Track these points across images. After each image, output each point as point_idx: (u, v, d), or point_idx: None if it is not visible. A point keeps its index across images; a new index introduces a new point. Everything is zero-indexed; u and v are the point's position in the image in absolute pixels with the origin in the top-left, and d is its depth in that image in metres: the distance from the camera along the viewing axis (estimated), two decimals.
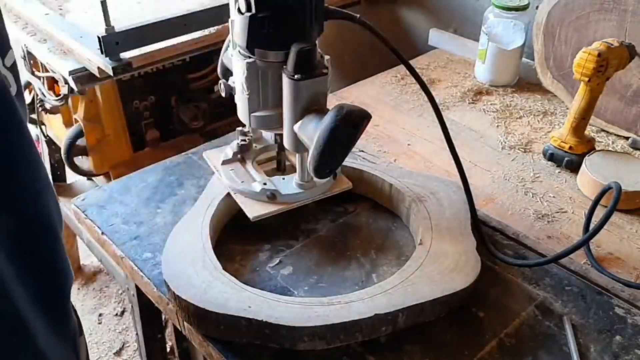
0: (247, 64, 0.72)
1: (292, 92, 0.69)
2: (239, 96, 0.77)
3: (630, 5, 1.04)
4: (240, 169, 0.86)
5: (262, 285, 0.74)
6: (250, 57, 0.72)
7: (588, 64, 0.94)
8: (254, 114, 0.76)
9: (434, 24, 1.57)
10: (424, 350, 0.67)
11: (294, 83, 0.69)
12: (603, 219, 0.70)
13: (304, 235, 0.83)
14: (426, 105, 1.23)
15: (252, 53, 0.72)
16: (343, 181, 0.85)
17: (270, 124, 0.76)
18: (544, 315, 0.71)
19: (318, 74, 0.69)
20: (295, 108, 0.70)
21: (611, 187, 0.75)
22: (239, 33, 0.71)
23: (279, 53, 0.70)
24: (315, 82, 0.69)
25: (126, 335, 1.79)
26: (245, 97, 0.75)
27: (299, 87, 0.69)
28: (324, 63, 0.73)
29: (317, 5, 0.69)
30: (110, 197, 0.90)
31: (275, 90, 0.73)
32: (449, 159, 1.05)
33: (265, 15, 0.67)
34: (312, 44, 0.68)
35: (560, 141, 1.02)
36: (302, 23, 0.68)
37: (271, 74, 0.72)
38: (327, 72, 0.70)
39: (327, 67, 0.71)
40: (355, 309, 0.66)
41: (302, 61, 0.68)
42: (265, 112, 0.76)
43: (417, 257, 0.74)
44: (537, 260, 0.76)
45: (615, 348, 0.67)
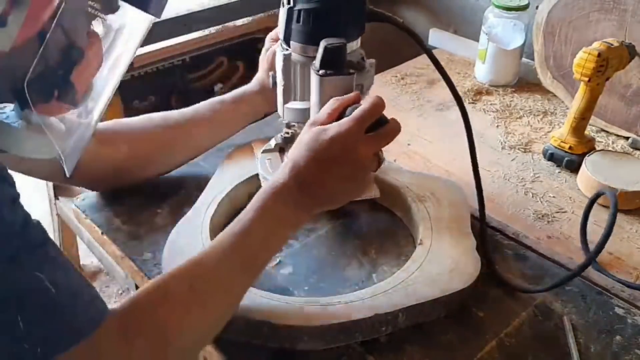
0: (283, 56, 0.74)
1: (317, 87, 0.71)
2: (278, 87, 0.79)
3: (630, 5, 1.04)
4: (276, 160, 0.86)
5: (262, 285, 0.74)
6: (287, 49, 0.74)
7: (588, 64, 0.94)
8: (287, 105, 0.78)
9: (434, 24, 1.57)
10: (423, 350, 0.67)
11: (318, 78, 0.70)
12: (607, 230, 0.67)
13: (304, 235, 0.83)
14: (426, 106, 1.23)
15: (288, 45, 0.73)
16: (370, 189, 0.81)
17: (301, 117, 0.77)
18: (544, 316, 0.71)
19: (344, 72, 0.69)
20: (318, 103, 0.71)
21: (604, 193, 0.74)
22: (280, 24, 0.73)
23: (312, 47, 0.71)
24: (340, 80, 0.70)
25: None
26: (281, 88, 0.77)
27: (323, 82, 0.70)
28: (364, 64, 0.73)
29: (355, 5, 0.70)
30: (111, 197, 0.90)
31: (307, 84, 0.74)
32: (449, 159, 1.06)
33: (301, 9, 0.69)
34: (341, 42, 0.68)
35: (560, 141, 1.02)
36: (336, 20, 0.69)
37: (305, 68, 0.73)
38: (354, 72, 0.70)
39: (356, 68, 0.71)
40: (355, 309, 0.66)
41: (328, 57, 0.68)
42: (298, 104, 0.78)
43: (417, 257, 0.74)
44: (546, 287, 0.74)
45: (615, 348, 0.67)
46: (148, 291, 0.58)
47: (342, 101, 0.68)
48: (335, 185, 0.66)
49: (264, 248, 0.65)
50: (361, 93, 0.74)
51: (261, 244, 0.64)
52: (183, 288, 0.59)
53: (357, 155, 0.65)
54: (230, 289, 0.63)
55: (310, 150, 0.64)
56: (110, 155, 0.83)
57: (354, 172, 0.66)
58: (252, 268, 0.64)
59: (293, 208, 0.65)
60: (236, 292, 0.64)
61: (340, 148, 0.64)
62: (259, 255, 0.65)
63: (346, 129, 0.64)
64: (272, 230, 0.65)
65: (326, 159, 0.64)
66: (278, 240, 0.67)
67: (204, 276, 0.61)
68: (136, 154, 0.86)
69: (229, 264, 0.62)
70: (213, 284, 0.61)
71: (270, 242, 0.65)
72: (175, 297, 0.58)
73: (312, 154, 0.64)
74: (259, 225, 0.64)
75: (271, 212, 0.65)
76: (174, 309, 0.58)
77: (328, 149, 0.64)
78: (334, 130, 0.64)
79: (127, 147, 0.85)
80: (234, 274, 0.63)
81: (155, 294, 0.58)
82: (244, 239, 0.63)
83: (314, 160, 0.64)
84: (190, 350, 0.61)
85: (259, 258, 0.65)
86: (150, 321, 0.56)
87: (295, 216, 0.66)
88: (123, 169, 0.86)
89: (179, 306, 0.58)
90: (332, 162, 0.64)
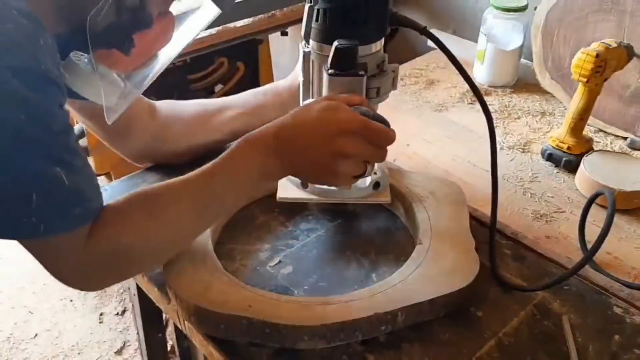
0: (303, 53, 0.76)
1: (327, 86, 0.72)
2: (300, 84, 0.81)
3: (628, 6, 1.04)
4: None
5: (263, 285, 0.74)
6: (307, 46, 0.76)
7: (586, 65, 0.94)
8: (304, 102, 0.80)
9: (432, 25, 1.58)
10: (423, 350, 0.67)
11: (328, 77, 0.71)
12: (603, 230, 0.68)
13: (304, 235, 0.84)
14: (425, 106, 1.23)
15: (308, 43, 0.75)
16: (383, 194, 0.82)
17: None
18: (543, 315, 0.72)
19: (352, 74, 0.70)
20: None
21: (602, 193, 0.75)
22: (304, 21, 0.74)
23: (327, 47, 0.72)
24: (348, 81, 0.71)
25: (127, 334, 1.80)
26: (301, 84, 0.79)
27: (332, 82, 0.71)
28: (383, 67, 0.74)
29: (374, 7, 0.70)
30: (112, 197, 0.89)
31: (322, 82, 0.74)
32: (448, 159, 1.06)
33: (320, 8, 0.70)
34: (353, 43, 0.69)
35: (558, 141, 1.02)
36: (352, 21, 0.70)
37: (321, 66, 0.74)
38: (363, 74, 0.71)
39: (366, 70, 0.72)
40: (355, 309, 0.67)
41: (338, 58, 0.69)
42: None
43: (416, 257, 0.75)
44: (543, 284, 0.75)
45: (613, 348, 0.68)
46: (115, 206, 0.66)
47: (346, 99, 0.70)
48: (306, 160, 0.68)
49: (225, 193, 0.69)
50: (377, 96, 0.75)
51: (223, 189, 0.69)
52: (143, 212, 0.66)
53: (343, 145, 0.66)
54: (182, 224, 0.68)
55: (319, 114, 0.67)
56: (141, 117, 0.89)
57: (330, 159, 0.67)
58: (209, 209, 0.70)
59: (263, 157, 0.68)
60: (188, 228, 0.69)
61: (336, 132, 0.66)
62: (219, 199, 0.69)
63: (353, 123, 0.67)
64: (235, 177, 0.69)
65: (318, 133, 0.67)
66: (239, 188, 0.70)
67: (162, 204, 0.67)
68: (171, 126, 0.92)
69: (189, 201, 0.68)
70: (167, 214, 0.67)
71: (231, 188, 0.69)
72: (132, 218, 0.65)
73: (316, 119, 0.67)
74: (223, 171, 0.68)
75: (238, 159, 0.69)
76: (128, 228, 0.65)
77: (328, 126, 0.66)
78: (346, 115, 0.67)
79: (163, 119, 0.92)
80: (191, 211, 0.68)
81: (118, 211, 0.66)
82: (208, 181, 0.68)
83: (312, 124, 0.67)
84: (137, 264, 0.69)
85: (219, 201, 0.70)
86: (107, 231, 0.63)
87: (263, 166, 0.69)
88: (158, 139, 0.92)
89: (133, 227, 0.65)
90: (321, 138, 0.67)
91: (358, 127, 0.66)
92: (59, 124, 0.57)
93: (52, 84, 0.56)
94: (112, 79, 0.69)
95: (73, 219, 0.60)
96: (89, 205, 0.62)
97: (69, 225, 0.59)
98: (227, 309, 0.66)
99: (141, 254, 0.67)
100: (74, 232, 0.60)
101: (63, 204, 0.58)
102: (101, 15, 0.61)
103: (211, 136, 0.95)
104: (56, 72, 0.58)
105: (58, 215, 0.58)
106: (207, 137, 0.95)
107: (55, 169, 0.56)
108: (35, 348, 1.76)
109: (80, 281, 0.66)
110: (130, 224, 0.65)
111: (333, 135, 0.66)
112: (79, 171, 0.60)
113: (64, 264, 0.63)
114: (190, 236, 0.71)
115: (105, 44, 0.64)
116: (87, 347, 1.76)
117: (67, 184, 0.57)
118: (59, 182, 0.57)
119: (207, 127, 0.94)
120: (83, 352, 1.75)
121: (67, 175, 0.57)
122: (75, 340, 1.78)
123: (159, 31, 0.68)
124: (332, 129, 0.66)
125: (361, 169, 0.69)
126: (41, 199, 0.56)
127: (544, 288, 0.74)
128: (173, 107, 0.94)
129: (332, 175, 0.69)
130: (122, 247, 0.64)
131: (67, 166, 0.58)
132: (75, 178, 0.59)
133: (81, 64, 0.66)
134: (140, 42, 0.66)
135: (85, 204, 0.61)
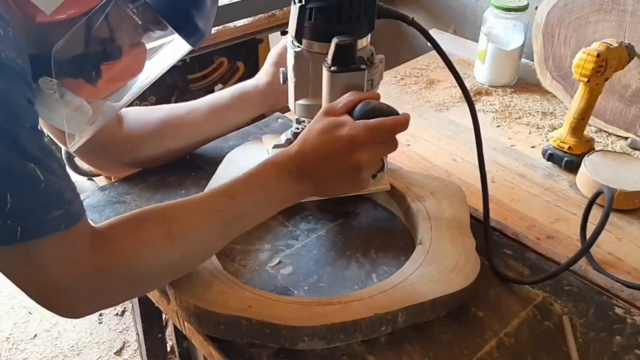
0: (294, 53, 0.76)
1: (329, 83, 0.72)
2: (289, 83, 0.80)
3: (629, 5, 1.04)
4: None
5: (262, 285, 0.74)
6: (299, 46, 0.76)
7: (587, 65, 0.94)
8: (299, 101, 0.80)
9: (433, 25, 1.58)
10: (423, 350, 0.67)
11: (330, 74, 0.71)
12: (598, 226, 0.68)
13: (304, 235, 0.83)
14: (426, 106, 1.23)
15: (299, 42, 0.75)
16: (381, 182, 0.83)
17: (313, 113, 0.78)
18: (544, 315, 0.72)
19: (354, 69, 0.72)
20: (330, 99, 0.73)
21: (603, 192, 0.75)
22: (291, 22, 0.75)
23: (323, 45, 0.73)
24: (350, 76, 0.72)
25: (127, 334, 1.79)
26: (292, 84, 0.79)
27: (334, 78, 0.72)
28: (373, 60, 0.75)
29: (365, 2, 0.71)
30: (111, 197, 0.90)
31: (318, 81, 0.75)
32: (448, 159, 1.06)
33: (313, 7, 0.71)
34: (352, 39, 0.70)
35: (559, 141, 1.02)
36: (348, 18, 0.71)
37: (316, 65, 0.75)
38: (365, 68, 0.72)
39: (367, 64, 0.73)
40: (355, 309, 0.66)
41: (340, 54, 0.70)
42: (309, 100, 0.79)
43: (416, 257, 0.75)
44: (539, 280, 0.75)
45: (614, 348, 0.68)
46: (127, 218, 0.62)
47: (360, 95, 0.71)
48: (330, 178, 0.70)
49: (245, 215, 0.68)
50: (372, 87, 0.76)
51: (244, 211, 0.68)
52: (161, 229, 0.62)
53: (359, 158, 0.68)
54: (201, 244, 0.66)
55: (321, 137, 0.68)
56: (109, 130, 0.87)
57: (351, 172, 0.69)
58: (229, 230, 0.68)
59: (284, 183, 0.69)
60: (206, 248, 0.67)
61: (347, 148, 0.68)
62: (239, 220, 0.68)
63: (357, 134, 0.67)
64: (257, 200, 0.68)
65: (331, 151, 0.68)
66: (260, 211, 0.70)
67: (183, 225, 0.64)
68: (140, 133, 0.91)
69: (210, 222, 0.66)
70: (187, 234, 0.64)
71: (252, 210, 0.68)
72: (148, 234, 0.61)
73: (322, 141, 0.68)
74: (246, 192, 0.68)
75: (261, 182, 0.68)
76: (144, 243, 0.61)
77: (335, 144, 0.68)
78: (347, 129, 0.68)
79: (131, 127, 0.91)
80: (211, 233, 0.66)
81: (132, 223, 0.62)
82: (229, 202, 0.67)
83: (320, 147, 0.68)
84: (139, 285, 0.65)
85: (239, 223, 0.68)
86: (118, 244, 0.60)
87: (284, 191, 0.69)
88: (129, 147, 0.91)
89: (149, 243, 0.61)
90: (336, 156, 0.68)
91: (364, 136, 0.67)
92: (29, 119, 0.54)
93: (16, 75, 0.53)
94: (80, 105, 0.68)
95: (53, 222, 0.55)
96: (70, 207, 0.56)
97: (50, 229, 0.54)
98: (227, 310, 0.66)
99: (154, 271, 0.63)
100: (56, 237, 0.55)
101: (41, 204, 0.54)
102: (68, 45, 0.60)
103: (182, 140, 0.95)
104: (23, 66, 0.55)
105: (36, 218, 0.53)
106: (178, 141, 0.95)
107: (29, 165, 0.53)
108: (35, 348, 1.76)
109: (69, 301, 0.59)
110: (147, 240, 0.61)
111: (346, 152, 0.68)
112: (56, 172, 0.56)
113: (46, 278, 0.56)
114: (207, 254, 0.69)
115: (72, 73, 0.63)
116: (87, 348, 1.76)
117: (44, 184, 0.53)
118: (35, 181, 0.53)
119: (177, 131, 0.94)
120: (82, 352, 1.75)
121: (43, 174, 0.54)
122: (75, 341, 1.78)
123: (129, 61, 0.68)
124: (340, 147, 0.68)
125: (379, 166, 0.72)
126: (16, 199, 0.51)
127: (537, 282, 0.75)
128: (139, 114, 0.93)
129: (357, 184, 0.71)
130: (134, 263, 0.60)
131: (42, 165, 0.54)
132: (52, 178, 0.55)
133: (47, 90, 0.64)
134: (109, 72, 0.66)
135: (66, 206, 0.56)
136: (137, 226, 0.62)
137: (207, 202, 0.67)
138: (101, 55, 0.65)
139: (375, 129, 0.68)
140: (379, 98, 0.72)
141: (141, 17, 0.65)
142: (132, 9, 0.64)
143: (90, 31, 0.62)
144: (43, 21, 0.60)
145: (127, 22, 0.65)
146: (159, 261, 0.62)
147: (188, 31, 0.67)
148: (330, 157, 0.68)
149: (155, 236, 0.62)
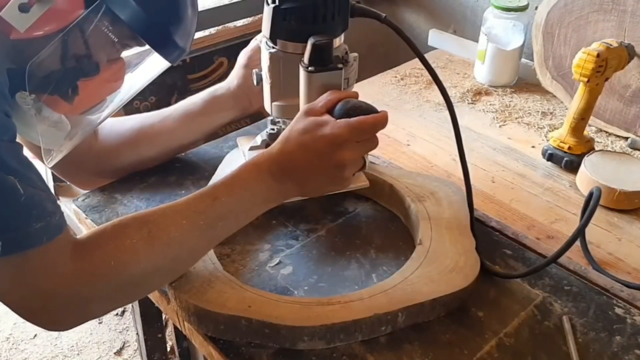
0: (269, 54, 0.75)
1: (306, 83, 0.72)
2: (264, 85, 0.80)
3: (629, 5, 1.04)
4: None
5: (262, 285, 0.74)
6: (274, 47, 0.75)
7: (587, 65, 0.94)
8: (275, 102, 0.80)
9: (433, 25, 1.57)
10: (423, 350, 0.67)
11: (307, 74, 0.71)
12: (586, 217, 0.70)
13: (304, 235, 0.83)
14: (426, 106, 1.23)
15: (274, 43, 0.75)
16: (360, 179, 0.84)
17: (290, 113, 0.78)
18: (544, 315, 0.72)
19: (331, 68, 0.72)
20: (308, 99, 0.73)
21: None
22: (265, 23, 0.74)
23: (298, 45, 0.72)
24: (328, 75, 0.72)
25: (126, 335, 1.79)
26: (268, 86, 0.78)
27: (312, 78, 0.71)
28: (347, 59, 0.75)
29: (340, 2, 0.72)
30: (111, 197, 0.90)
31: (295, 81, 0.75)
32: (448, 159, 1.06)
33: (288, 8, 0.71)
34: (328, 38, 0.70)
35: (559, 141, 1.02)
36: (323, 17, 0.71)
37: (291, 65, 0.74)
38: (342, 67, 0.72)
39: (343, 63, 0.73)
40: (355, 309, 0.66)
41: (317, 54, 0.70)
42: (286, 101, 0.79)
43: (416, 257, 0.75)
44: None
45: (614, 348, 0.68)
46: (108, 226, 0.62)
47: (340, 94, 0.71)
48: (314, 178, 0.69)
49: (228, 216, 0.67)
50: (348, 86, 0.76)
51: (226, 212, 0.67)
52: (141, 232, 0.62)
53: (342, 157, 0.68)
54: (184, 247, 0.65)
55: (303, 137, 0.68)
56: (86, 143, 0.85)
57: (334, 171, 0.69)
58: (212, 231, 0.67)
59: (267, 184, 0.68)
60: (190, 249, 0.66)
61: (330, 147, 0.67)
62: (222, 222, 0.67)
63: (340, 133, 0.67)
64: (239, 201, 0.68)
65: (313, 151, 0.68)
66: (243, 212, 0.69)
67: (163, 227, 0.63)
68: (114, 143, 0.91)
69: (191, 223, 0.65)
70: (168, 235, 0.63)
71: (235, 212, 0.68)
72: (128, 238, 0.61)
73: (304, 141, 0.68)
74: (228, 194, 0.67)
75: (243, 184, 0.68)
76: (124, 247, 0.60)
77: (317, 143, 0.67)
78: (330, 128, 0.67)
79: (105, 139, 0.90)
80: (193, 234, 0.65)
81: (113, 230, 0.62)
82: (211, 204, 0.66)
83: (303, 146, 0.68)
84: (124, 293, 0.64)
85: (223, 225, 0.67)
86: (99, 252, 0.59)
87: (267, 192, 0.69)
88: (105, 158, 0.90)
89: (129, 247, 0.60)
90: (319, 155, 0.68)
91: (347, 135, 0.67)
92: (7, 132, 0.54)
93: None
94: (58, 120, 0.67)
95: (35, 234, 0.54)
96: (51, 219, 0.56)
97: (32, 241, 0.54)
98: (226, 309, 0.66)
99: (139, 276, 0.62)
100: (39, 249, 0.55)
101: (23, 217, 0.54)
102: (44, 62, 0.59)
103: (157, 148, 0.94)
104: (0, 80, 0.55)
105: (18, 231, 0.53)
106: (153, 150, 0.93)
107: (9, 178, 0.52)
108: (35, 348, 1.76)
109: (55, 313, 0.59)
110: (128, 244, 0.60)
111: (329, 151, 0.67)
112: (36, 184, 0.56)
113: (30, 291, 0.56)
114: (193, 257, 0.68)
115: (48, 89, 0.63)
116: (87, 348, 1.76)
117: (25, 197, 0.53)
118: (15, 194, 0.52)
119: (151, 140, 0.93)
120: (82, 352, 1.75)
121: (23, 187, 0.53)
122: (75, 341, 1.78)
123: (107, 77, 0.67)
124: (323, 146, 0.67)
125: (361, 164, 0.72)
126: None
127: (521, 276, 0.75)
128: (113, 124, 0.91)
129: (340, 182, 0.71)
130: (118, 270, 0.60)
131: (22, 177, 0.53)
132: (33, 191, 0.54)
133: (24, 105, 0.63)
134: (86, 88, 0.65)
135: (48, 217, 0.56)
136: (118, 232, 0.61)
137: (188, 204, 0.66)
138: (78, 72, 0.64)
139: (357, 127, 0.67)
140: (357, 96, 0.72)
141: (118, 35, 0.65)
142: (108, 26, 0.63)
143: (66, 48, 0.61)
144: (17, 38, 0.59)
145: (104, 39, 0.64)
146: (141, 265, 0.61)
147: (167, 49, 0.67)
148: (313, 157, 0.68)
149: (135, 240, 0.61)
